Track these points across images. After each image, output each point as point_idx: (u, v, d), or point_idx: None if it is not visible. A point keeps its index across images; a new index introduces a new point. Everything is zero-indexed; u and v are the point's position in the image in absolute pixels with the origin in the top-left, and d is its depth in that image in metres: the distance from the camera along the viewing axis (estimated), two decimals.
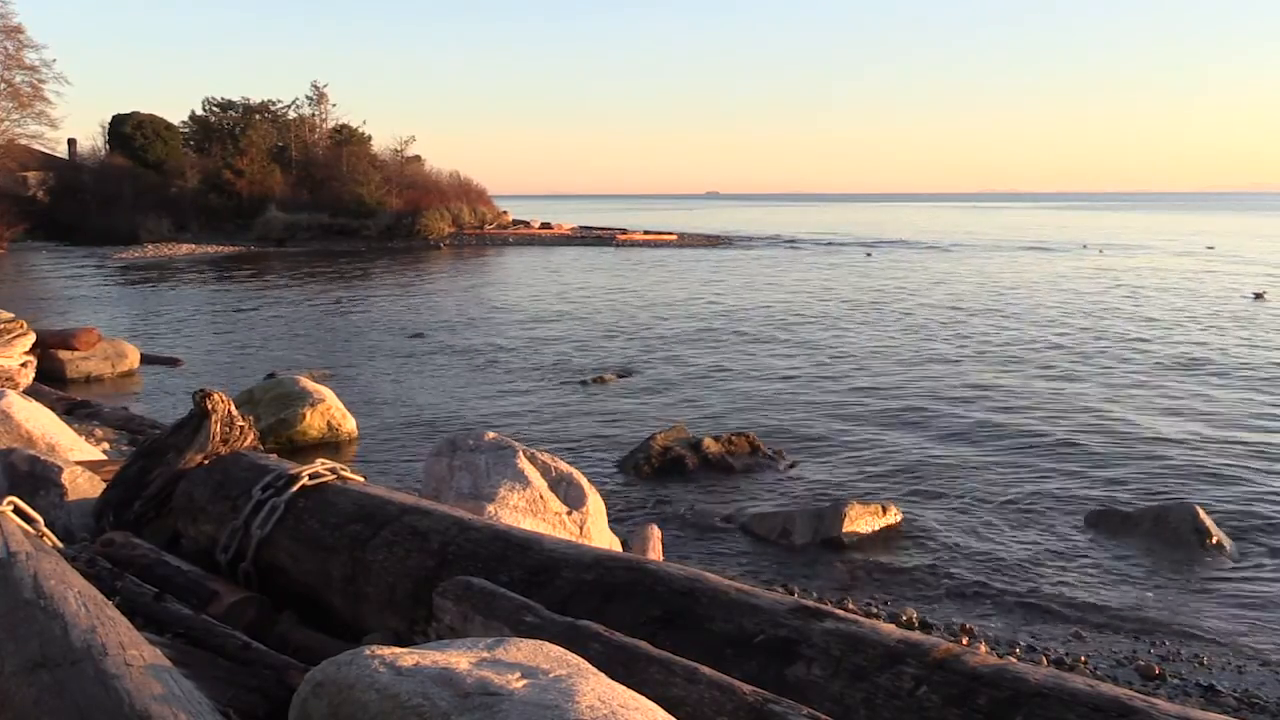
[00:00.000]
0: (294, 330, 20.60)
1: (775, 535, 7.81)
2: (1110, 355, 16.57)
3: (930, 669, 2.27)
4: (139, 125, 59.24)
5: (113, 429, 9.67)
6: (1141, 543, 7.69)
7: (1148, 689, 5.34)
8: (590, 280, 32.26)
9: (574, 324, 21.06)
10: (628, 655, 2.32)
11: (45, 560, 2.79)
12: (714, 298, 26.23)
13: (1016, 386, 13.81)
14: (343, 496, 3.72)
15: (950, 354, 16.67)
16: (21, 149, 53.68)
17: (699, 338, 18.85)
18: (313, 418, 10.50)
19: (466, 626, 2.64)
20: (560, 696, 1.78)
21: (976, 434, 11.08)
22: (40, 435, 6.67)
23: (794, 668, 2.42)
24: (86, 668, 2.10)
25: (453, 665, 1.93)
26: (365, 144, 59.80)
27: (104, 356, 14.58)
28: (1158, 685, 5.44)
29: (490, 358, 16.54)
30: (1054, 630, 6.20)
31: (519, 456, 5.84)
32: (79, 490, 4.80)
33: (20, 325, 9.10)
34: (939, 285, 29.58)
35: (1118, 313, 22.57)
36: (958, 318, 21.70)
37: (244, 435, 4.53)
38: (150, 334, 19.54)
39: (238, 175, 55.27)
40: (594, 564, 3.00)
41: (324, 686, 2.00)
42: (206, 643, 3.03)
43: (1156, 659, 5.78)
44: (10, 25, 51.40)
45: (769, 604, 2.65)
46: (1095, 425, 11.45)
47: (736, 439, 10.01)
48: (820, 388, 13.87)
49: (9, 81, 51.97)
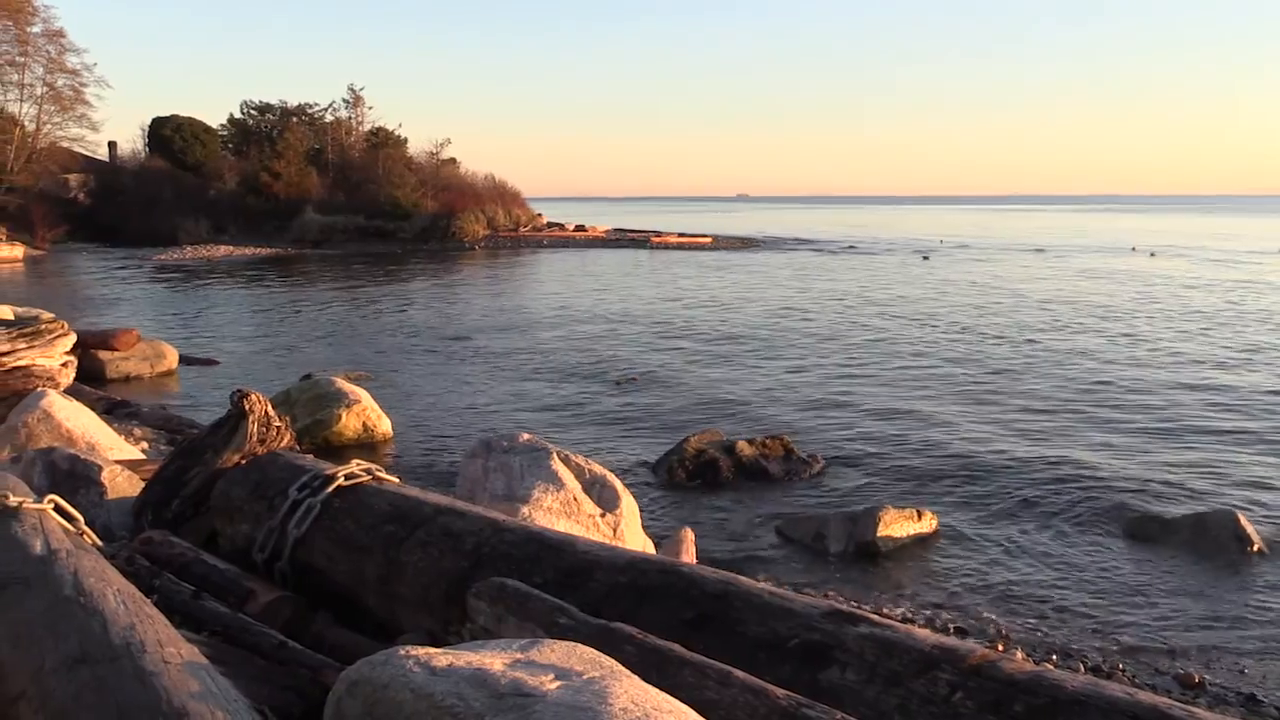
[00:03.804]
0: (330, 331, 20.74)
1: (809, 539, 7.78)
2: (1150, 358, 16.38)
3: (966, 675, 2.25)
4: (178, 128, 59.84)
5: (151, 429, 9.76)
6: (1181, 549, 7.60)
7: (1187, 698, 5.28)
8: (625, 283, 32.27)
9: (609, 326, 21.07)
10: (661, 658, 2.32)
11: (85, 558, 2.82)
12: (750, 300, 26.16)
13: (1055, 392, 13.68)
14: (378, 497, 3.74)
15: (989, 359, 16.54)
16: (63, 151, 54.42)
17: (735, 340, 18.80)
18: (348, 418, 10.56)
19: (500, 628, 2.64)
20: (594, 699, 1.78)
21: (1014, 439, 10.98)
22: (80, 434, 6.75)
23: (828, 672, 2.41)
24: (125, 664, 2.12)
25: (487, 666, 1.94)
26: (401, 147, 60.09)
27: (143, 357, 14.73)
28: (1197, 694, 5.37)
29: (525, 359, 16.58)
30: (1091, 637, 6.14)
31: (553, 458, 5.84)
32: (118, 489, 4.85)
33: (61, 326, 9.20)
34: (985, 289, 29.38)
35: (1161, 315, 22.32)
36: (998, 322, 21.53)
37: (280, 435, 4.57)
38: (188, 335, 19.71)
39: (275, 178, 55.67)
40: (627, 566, 3.00)
41: (359, 686, 2.02)
42: (243, 641, 3.06)
43: (1196, 667, 5.71)
44: (52, 29, 52.23)
45: (803, 608, 2.64)
46: (1134, 430, 11.33)
47: (771, 442, 9.97)
48: (856, 392, 13.80)
49: (51, 85, 52.81)
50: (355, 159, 59.58)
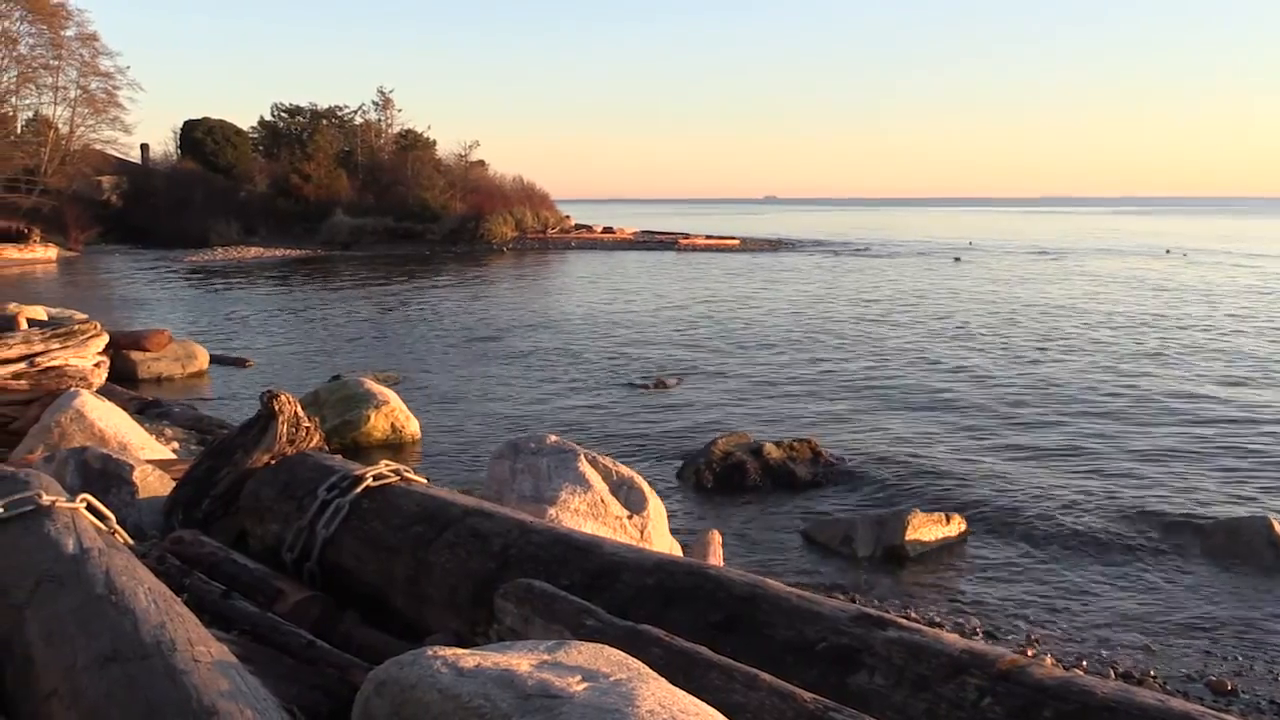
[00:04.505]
0: (359, 333, 20.85)
1: (837, 542, 7.76)
2: (1184, 362, 16.24)
3: (995, 680, 2.24)
4: (209, 130, 60.31)
5: (182, 429, 9.83)
6: (1213, 555, 7.53)
7: (1219, 705, 5.22)
8: (652, 285, 32.27)
9: (636, 328, 21.08)
10: (688, 660, 2.31)
11: (117, 557, 2.85)
12: (777, 302, 26.11)
13: (1086, 395, 13.57)
14: (406, 498, 3.75)
15: (1021, 364, 16.43)
16: (96, 154, 54.95)
17: (762, 343, 18.77)
18: (377, 419, 10.61)
19: (527, 629, 2.65)
20: (620, 700, 1.78)
21: (1046, 444, 10.90)
22: (113, 434, 6.81)
23: (856, 676, 2.40)
24: (156, 663, 2.14)
25: (514, 667, 1.94)
26: (430, 149, 60.29)
27: (174, 357, 14.85)
28: (1230, 701, 5.32)
29: (552, 361, 16.61)
30: (1121, 643, 6.08)
31: (580, 460, 5.84)
32: (149, 488, 4.89)
33: (94, 326, 9.28)
34: (1017, 292, 29.20)
35: (1193, 319, 22.11)
36: (1030, 327, 21.40)
37: (310, 436, 4.59)
38: (219, 335, 19.87)
39: (305, 180, 56.01)
40: (655, 568, 2.99)
41: (386, 686, 2.02)
42: (272, 640, 3.08)
43: (1228, 674, 5.64)
44: (86, 33, 52.76)
45: (831, 611, 2.63)
46: (1167, 435, 11.23)
47: (798, 445, 9.94)
48: (885, 396, 13.75)
49: (84, 88, 53.35)
50: (385, 161, 59.86)
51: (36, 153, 51.11)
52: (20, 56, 51.99)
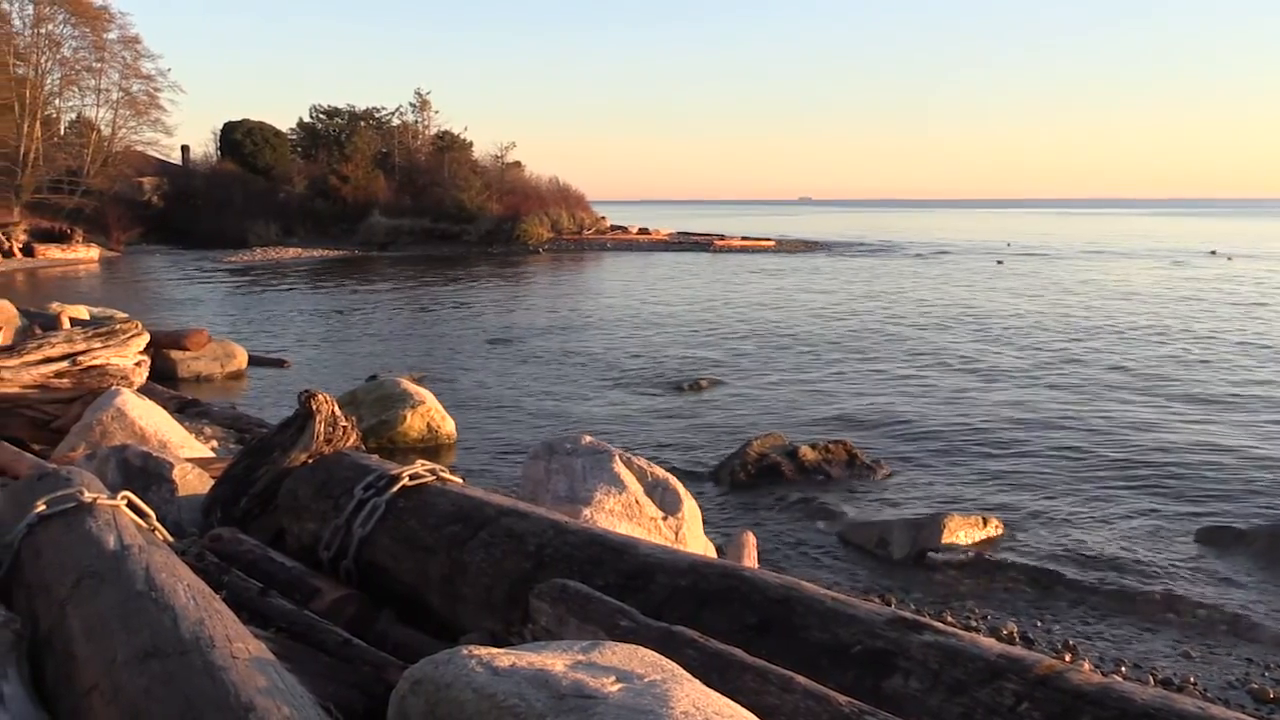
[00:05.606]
0: (396, 333, 20.97)
1: (872, 545, 7.72)
2: (1224, 366, 16.04)
3: (1032, 685, 2.22)
4: (249, 132, 60.88)
5: (221, 427, 9.91)
6: (1255, 561, 7.42)
7: (1261, 713, 5.16)
8: (688, 286, 32.25)
9: (671, 329, 21.07)
10: (722, 662, 2.31)
11: (157, 553, 2.88)
12: (813, 304, 26.02)
13: (1126, 399, 13.44)
14: (442, 498, 3.76)
15: (1063, 366, 16.29)
16: (137, 155, 55.66)
17: (797, 344, 18.71)
18: (413, 419, 10.66)
19: (562, 629, 2.65)
20: (655, 701, 1.78)
21: (1083, 447, 10.79)
22: (153, 432, 6.88)
23: (891, 680, 2.39)
24: (195, 659, 2.16)
25: (548, 667, 1.94)
26: (466, 150, 60.60)
27: (214, 357, 14.98)
28: (1272, 710, 5.24)
29: (588, 362, 16.63)
30: (1161, 649, 6.01)
31: (615, 460, 5.84)
32: (189, 486, 4.94)
33: (135, 326, 9.38)
34: (1060, 294, 28.94)
35: (1239, 323, 21.82)
36: (1072, 328, 21.20)
37: (347, 435, 4.62)
38: (258, 335, 20.04)
39: (343, 181, 56.44)
40: (689, 570, 2.99)
41: (422, 684, 2.03)
42: (308, 638, 3.10)
43: (1271, 682, 5.56)
44: (128, 35, 53.42)
45: (866, 614, 2.62)
46: (1208, 441, 11.09)
47: (834, 447, 9.91)
48: (921, 398, 13.67)
49: (126, 90, 54.03)
50: (421, 162, 60.22)
51: (79, 154, 51.83)
52: (64, 59, 52.82)
